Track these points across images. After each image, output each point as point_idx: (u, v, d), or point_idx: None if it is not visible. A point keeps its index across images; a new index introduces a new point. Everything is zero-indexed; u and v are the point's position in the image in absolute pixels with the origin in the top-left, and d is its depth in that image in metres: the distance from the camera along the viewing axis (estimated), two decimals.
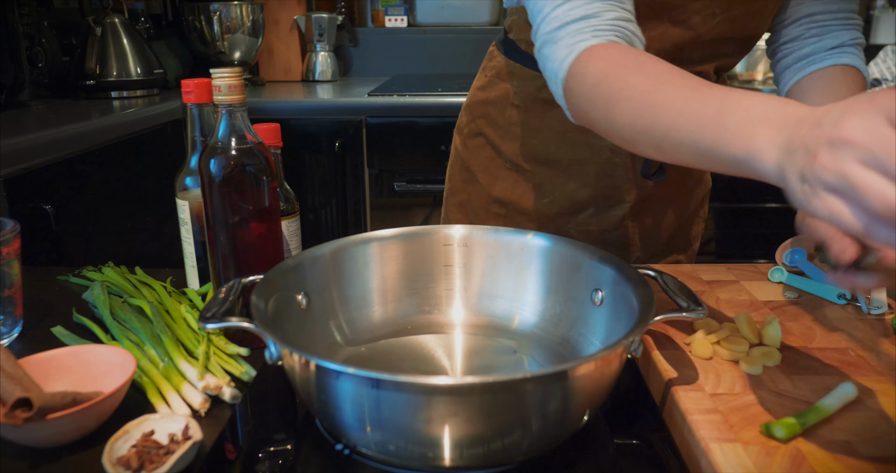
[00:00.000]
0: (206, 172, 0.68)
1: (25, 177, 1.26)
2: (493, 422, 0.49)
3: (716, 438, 0.52)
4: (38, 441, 0.55)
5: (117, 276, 0.84)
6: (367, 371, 0.47)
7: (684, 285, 0.61)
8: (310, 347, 0.65)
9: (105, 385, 0.59)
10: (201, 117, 0.79)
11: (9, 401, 0.52)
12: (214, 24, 2.23)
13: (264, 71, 2.51)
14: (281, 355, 0.53)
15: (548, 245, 0.71)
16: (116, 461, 0.51)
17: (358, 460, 0.54)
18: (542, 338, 0.70)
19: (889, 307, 0.75)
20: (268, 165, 0.70)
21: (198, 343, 0.68)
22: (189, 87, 0.77)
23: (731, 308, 0.76)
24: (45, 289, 0.88)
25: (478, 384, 0.47)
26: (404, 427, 0.49)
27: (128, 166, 1.60)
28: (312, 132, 2.00)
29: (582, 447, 0.56)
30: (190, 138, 0.80)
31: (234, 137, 0.68)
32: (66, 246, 1.36)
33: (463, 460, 0.50)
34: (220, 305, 0.57)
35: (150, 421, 0.55)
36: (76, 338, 0.72)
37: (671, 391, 0.60)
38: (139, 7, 2.24)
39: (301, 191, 2.06)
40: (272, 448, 0.56)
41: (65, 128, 1.39)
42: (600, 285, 0.66)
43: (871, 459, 0.50)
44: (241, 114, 0.68)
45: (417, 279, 0.74)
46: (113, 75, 1.94)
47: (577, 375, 0.49)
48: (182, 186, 0.81)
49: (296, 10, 2.45)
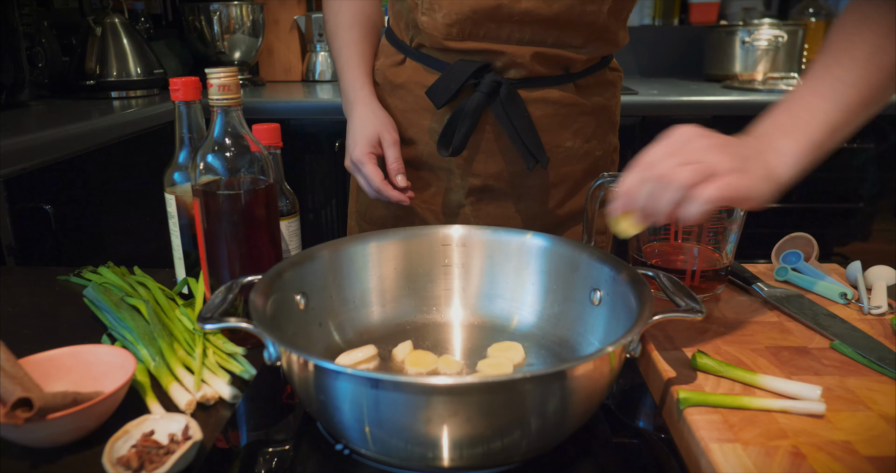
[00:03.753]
0: (201, 172, 0.68)
1: (25, 177, 1.26)
2: (492, 422, 0.49)
3: (716, 438, 0.52)
4: (39, 441, 0.55)
5: (115, 277, 0.84)
6: (365, 371, 0.47)
7: (683, 285, 0.61)
8: (308, 347, 0.65)
9: (105, 385, 0.59)
10: (188, 115, 0.80)
11: (9, 401, 0.52)
12: (214, 24, 2.23)
13: (264, 71, 2.51)
14: (280, 355, 0.53)
15: (546, 245, 0.71)
16: (116, 461, 0.51)
17: (357, 460, 0.54)
18: (540, 338, 0.70)
19: (889, 306, 0.75)
20: (264, 165, 0.70)
21: (194, 343, 0.68)
22: (177, 85, 0.78)
23: (730, 308, 0.76)
24: (46, 289, 0.89)
25: (477, 384, 0.47)
26: (404, 428, 0.49)
27: (128, 166, 1.60)
28: (312, 132, 2.00)
29: (582, 447, 0.56)
30: (178, 135, 0.81)
31: (230, 136, 0.68)
32: (66, 246, 1.36)
33: (462, 460, 0.50)
34: (218, 305, 0.57)
35: (150, 421, 0.55)
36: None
37: (671, 391, 0.60)
38: (139, 7, 2.24)
39: (301, 191, 2.06)
40: (272, 449, 0.56)
41: (65, 128, 1.39)
42: (599, 285, 0.66)
43: (871, 459, 0.50)
44: (237, 114, 0.68)
45: (416, 280, 0.74)
46: (113, 75, 1.94)
47: (575, 375, 0.49)
48: (170, 181, 0.82)
49: (296, 10, 2.45)
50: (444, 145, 0.92)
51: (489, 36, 0.88)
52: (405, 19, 0.94)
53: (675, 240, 0.79)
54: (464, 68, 0.89)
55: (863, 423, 0.54)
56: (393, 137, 0.93)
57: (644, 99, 1.96)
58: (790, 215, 2.04)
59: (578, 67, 0.94)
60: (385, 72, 0.99)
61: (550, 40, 0.89)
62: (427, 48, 0.93)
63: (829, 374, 0.62)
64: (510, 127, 0.90)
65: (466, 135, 0.90)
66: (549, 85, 0.92)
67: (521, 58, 0.88)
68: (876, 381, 0.61)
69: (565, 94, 0.94)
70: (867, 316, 0.74)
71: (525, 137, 0.90)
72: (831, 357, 0.65)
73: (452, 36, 0.88)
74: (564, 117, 0.95)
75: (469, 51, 0.89)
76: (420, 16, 0.89)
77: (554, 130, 0.95)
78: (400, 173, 0.93)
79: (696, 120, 2.34)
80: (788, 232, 0.90)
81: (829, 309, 0.74)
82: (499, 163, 0.96)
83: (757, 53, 2.31)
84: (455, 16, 0.86)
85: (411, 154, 0.98)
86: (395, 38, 0.99)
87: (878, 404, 0.57)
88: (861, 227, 2.10)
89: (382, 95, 1.00)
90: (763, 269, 0.86)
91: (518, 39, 0.88)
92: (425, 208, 1.01)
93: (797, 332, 0.70)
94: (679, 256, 0.79)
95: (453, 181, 0.98)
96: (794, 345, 0.67)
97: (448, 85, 0.89)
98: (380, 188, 0.91)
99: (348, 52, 0.99)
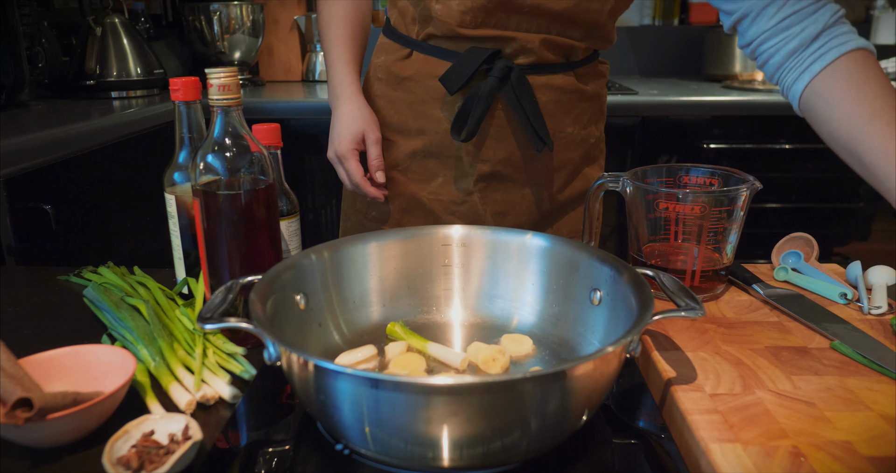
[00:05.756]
0: (201, 172, 0.68)
1: (25, 177, 1.26)
2: (492, 422, 0.49)
3: (715, 438, 0.52)
4: (39, 441, 0.55)
5: (115, 277, 0.84)
6: (365, 371, 0.47)
7: (682, 285, 0.61)
8: (308, 347, 0.65)
9: (105, 385, 0.59)
10: (188, 115, 0.80)
11: (9, 401, 0.52)
12: (214, 24, 2.23)
13: (264, 71, 2.51)
14: (280, 355, 0.53)
15: (546, 245, 0.71)
16: (116, 461, 0.51)
17: (357, 460, 0.54)
18: (540, 338, 0.70)
19: (889, 306, 0.75)
20: (264, 165, 0.70)
21: (194, 343, 0.68)
22: (177, 85, 0.78)
23: (730, 308, 0.76)
24: (45, 289, 0.89)
25: (477, 384, 0.47)
26: (403, 428, 0.49)
27: (127, 166, 1.61)
28: (312, 132, 2.00)
29: (582, 447, 0.56)
30: (178, 135, 0.81)
31: (230, 136, 0.68)
32: (66, 246, 1.36)
33: (462, 460, 0.50)
34: (218, 305, 0.57)
35: (150, 421, 0.55)
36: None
37: (671, 391, 0.60)
38: (139, 7, 2.24)
39: (301, 191, 2.06)
40: (272, 449, 0.56)
41: (65, 128, 1.39)
42: (598, 285, 0.66)
43: (871, 459, 0.50)
44: (237, 114, 0.68)
45: (416, 280, 0.74)
46: (113, 75, 1.94)
47: (575, 375, 0.49)
48: (170, 181, 0.82)
49: (296, 10, 2.45)
50: (458, 130, 0.95)
51: (499, 25, 0.93)
52: (412, 13, 0.98)
53: (675, 240, 0.79)
54: (477, 55, 0.93)
55: (863, 423, 0.54)
56: (376, 136, 1.00)
57: (644, 99, 1.96)
58: (790, 215, 2.04)
59: (579, 55, 0.99)
60: (390, 67, 1.02)
61: (554, 32, 0.94)
62: (437, 38, 0.97)
63: (829, 374, 0.62)
64: (520, 110, 0.94)
65: (480, 119, 0.94)
66: (554, 71, 0.98)
67: (530, 43, 0.93)
68: (876, 381, 0.61)
69: (568, 80, 0.99)
70: (867, 316, 0.74)
71: (533, 120, 0.94)
72: (831, 357, 0.65)
73: (466, 23, 0.92)
74: (566, 103, 1.00)
75: (480, 38, 0.94)
76: (434, 4, 0.93)
77: (557, 116, 1.00)
78: (380, 170, 1.00)
79: (696, 120, 2.34)
80: (788, 232, 0.90)
81: (829, 309, 0.74)
82: (507, 147, 0.99)
83: None
84: (470, 3, 0.90)
85: (420, 144, 1.01)
86: (398, 34, 1.02)
87: (878, 404, 0.57)
88: (861, 227, 2.10)
89: (387, 89, 1.03)
90: (763, 269, 0.86)
91: (526, 29, 0.93)
92: (433, 199, 1.03)
93: (797, 332, 0.70)
94: (679, 256, 0.79)
95: (462, 169, 1.01)
96: (794, 345, 0.67)
97: (462, 71, 0.93)
98: (359, 183, 0.99)
99: (340, 48, 1.03)
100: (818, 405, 0.57)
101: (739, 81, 2.28)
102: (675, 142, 2.00)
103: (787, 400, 0.58)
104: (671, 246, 0.80)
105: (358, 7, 1.05)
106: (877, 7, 2.51)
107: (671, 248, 0.80)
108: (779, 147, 1.98)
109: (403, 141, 1.02)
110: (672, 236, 0.79)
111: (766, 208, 2.02)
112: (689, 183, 0.83)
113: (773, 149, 1.98)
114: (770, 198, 2.01)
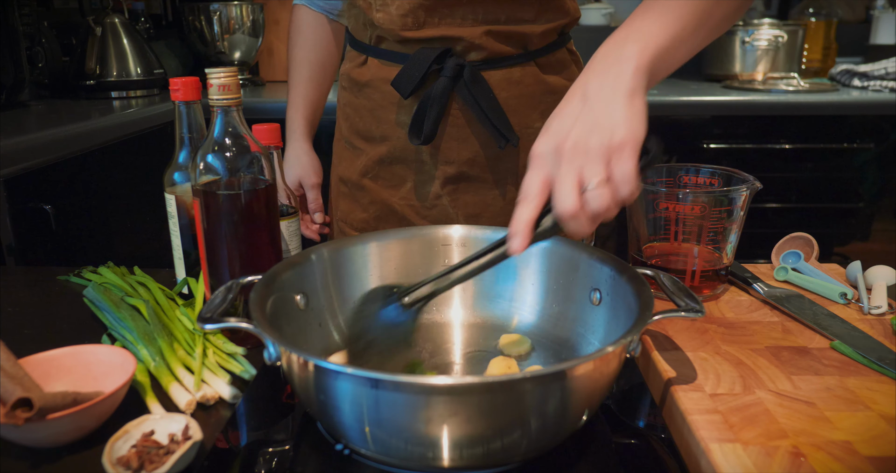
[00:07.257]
0: (201, 172, 0.68)
1: (25, 177, 1.26)
2: (492, 422, 0.49)
3: (715, 438, 0.52)
4: (39, 441, 0.55)
5: (115, 277, 0.84)
6: (365, 371, 0.47)
7: (683, 285, 0.61)
8: (308, 347, 0.65)
9: (105, 385, 0.59)
10: (188, 115, 0.80)
11: (9, 401, 0.52)
12: (214, 24, 2.23)
13: (264, 71, 2.51)
14: (280, 355, 0.53)
15: (546, 245, 0.71)
16: (116, 461, 0.51)
17: (357, 460, 0.54)
18: (540, 338, 0.70)
19: (889, 306, 0.75)
20: (264, 165, 0.70)
21: (194, 343, 0.68)
22: (177, 85, 0.78)
23: (730, 308, 0.76)
24: (45, 289, 0.89)
25: (477, 384, 0.47)
26: (403, 428, 0.49)
27: (127, 166, 1.61)
28: None
29: (582, 447, 0.56)
30: (178, 135, 0.81)
31: (230, 136, 0.68)
32: (66, 246, 1.36)
33: (462, 460, 0.50)
34: (218, 305, 0.57)
35: (150, 421, 0.55)
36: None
37: (671, 391, 0.60)
38: (139, 7, 2.24)
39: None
40: (272, 449, 0.56)
41: (65, 128, 1.39)
42: (598, 285, 0.66)
43: (871, 459, 0.50)
44: (237, 113, 0.68)
45: (416, 279, 0.74)
46: (113, 75, 1.94)
47: (575, 375, 0.49)
48: (170, 181, 0.82)
49: None
50: (416, 134, 0.93)
51: (444, 21, 0.90)
52: (362, 19, 0.96)
53: (675, 240, 0.79)
54: (425, 55, 0.90)
55: (863, 423, 0.54)
56: (312, 181, 1.13)
57: None
58: (790, 215, 2.04)
59: (536, 42, 0.95)
60: (350, 73, 1.02)
61: (504, 17, 0.90)
62: (387, 42, 0.95)
63: (829, 374, 0.62)
64: (477, 108, 0.91)
65: (436, 120, 0.92)
66: (510, 64, 0.94)
67: (476, 38, 0.90)
68: (876, 381, 0.61)
69: (528, 72, 0.95)
70: (867, 316, 0.74)
71: (493, 117, 0.91)
72: (831, 357, 0.65)
73: (409, 26, 0.90)
74: (530, 98, 0.96)
75: (427, 39, 0.91)
76: (375, 13, 0.91)
77: (522, 111, 0.96)
78: (318, 212, 1.15)
79: (696, 120, 2.34)
80: (788, 232, 0.90)
81: (829, 309, 0.74)
82: (470, 148, 0.97)
83: (757, 53, 2.31)
84: (408, 6, 0.88)
85: (385, 151, 0.99)
86: (355, 41, 1.01)
87: (878, 404, 0.57)
88: (861, 227, 2.10)
89: (350, 97, 1.02)
90: (763, 269, 0.86)
91: (473, 20, 0.90)
92: (404, 204, 1.01)
93: (797, 332, 0.70)
94: (679, 256, 0.79)
95: (427, 172, 0.99)
96: (794, 345, 0.67)
97: (412, 73, 0.91)
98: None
99: (294, 91, 1.14)
100: (818, 405, 0.57)
101: (739, 81, 2.28)
102: (675, 142, 2.00)
103: (788, 400, 0.58)
104: (671, 246, 0.80)
105: (321, 46, 1.09)
106: (877, 7, 2.51)
107: (671, 248, 0.80)
108: (779, 147, 1.98)
109: (370, 148, 1.00)
110: (672, 236, 0.79)
111: (766, 208, 2.02)
112: (689, 183, 0.83)
113: (773, 149, 1.98)
114: (770, 198, 2.01)
